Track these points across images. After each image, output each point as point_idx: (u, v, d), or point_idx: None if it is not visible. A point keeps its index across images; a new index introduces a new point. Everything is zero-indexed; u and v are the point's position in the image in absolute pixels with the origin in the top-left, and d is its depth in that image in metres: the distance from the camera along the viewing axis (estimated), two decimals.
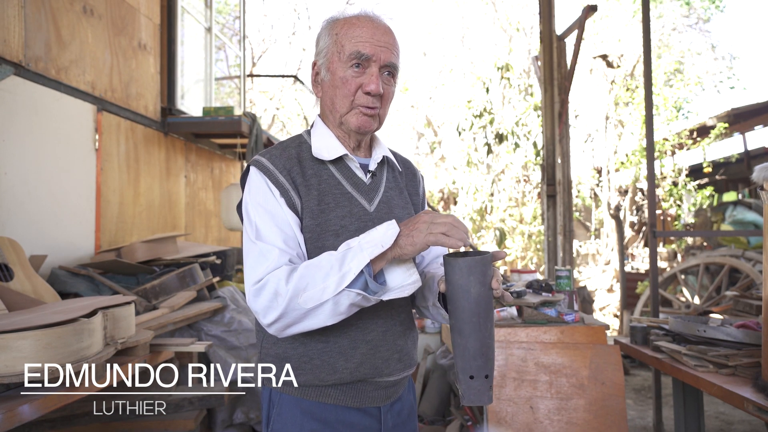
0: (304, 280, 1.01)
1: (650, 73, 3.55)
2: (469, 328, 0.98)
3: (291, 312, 1.01)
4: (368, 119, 1.17)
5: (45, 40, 2.74)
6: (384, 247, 0.99)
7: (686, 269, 5.67)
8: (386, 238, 1.00)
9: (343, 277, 0.99)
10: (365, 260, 0.99)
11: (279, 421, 1.16)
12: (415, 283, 1.04)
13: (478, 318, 0.98)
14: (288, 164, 1.15)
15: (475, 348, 0.99)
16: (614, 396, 2.06)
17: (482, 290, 0.97)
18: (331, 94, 1.17)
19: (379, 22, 1.17)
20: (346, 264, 1.00)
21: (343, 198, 1.16)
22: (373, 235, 1.02)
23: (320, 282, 1.00)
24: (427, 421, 3.05)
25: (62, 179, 2.88)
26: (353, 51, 1.12)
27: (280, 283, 1.01)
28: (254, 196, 1.13)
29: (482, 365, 1.00)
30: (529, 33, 11.36)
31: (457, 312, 0.99)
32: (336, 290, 0.99)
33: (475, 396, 1.01)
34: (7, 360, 1.33)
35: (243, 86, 6.43)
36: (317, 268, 1.01)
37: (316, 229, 1.12)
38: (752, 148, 9.94)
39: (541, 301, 2.27)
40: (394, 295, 1.03)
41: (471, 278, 0.97)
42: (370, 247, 1.00)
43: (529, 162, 10.03)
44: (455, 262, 0.98)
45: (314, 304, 1.00)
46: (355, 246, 1.02)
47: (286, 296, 1.00)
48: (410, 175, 1.35)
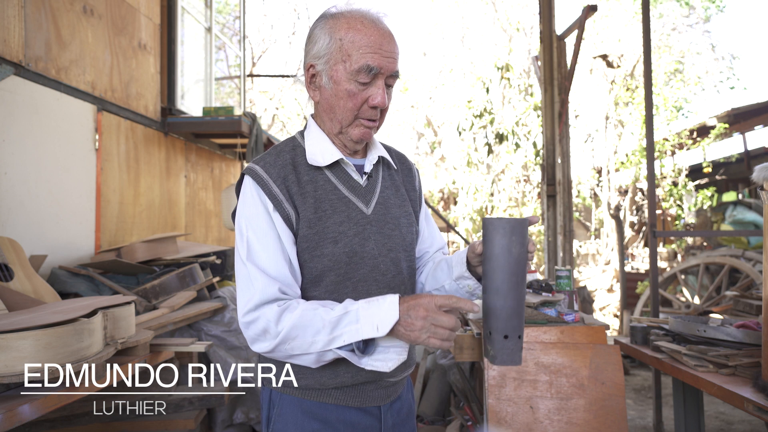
0: (295, 330, 1.02)
1: (650, 73, 3.55)
2: (508, 287, 1.01)
3: (278, 352, 1.06)
4: (369, 131, 1.16)
5: (45, 40, 2.74)
6: (379, 332, 0.99)
7: (686, 269, 5.67)
8: (384, 322, 0.98)
9: (332, 340, 1.01)
10: (358, 337, 1.00)
11: (280, 422, 1.16)
12: (400, 361, 1.03)
13: (517, 278, 1.01)
14: (283, 172, 1.13)
15: (512, 307, 1.01)
16: (614, 396, 2.06)
17: (522, 251, 1.01)
18: (333, 103, 1.13)
19: (383, 27, 1.12)
20: (338, 329, 1.01)
21: (340, 203, 1.15)
22: (373, 310, 1.00)
23: (309, 337, 1.02)
24: (427, 421, 3.05)
25: (62, 179, 2.88)
26: (363, 65, 1.08)
27: (270, 324, 1.03)
28: (248, 210, 1.11)
29: (517, 325, 1.02)
30: (529, 33, 11.37)
31: (497, 272, 1.01)
32: (323, 348, 1.02)
33: (508, 356, 1.02)
34: (7, 360, 1.33)
35: (243, 86, 6.43)
36: (310, 323, 1.02)
37: (314, 237, 1.11)
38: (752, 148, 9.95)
39: (541, 301, 2.27)
40: (376, 366, 1.02)
41: (513, 238, 1.01)
42: (366, 324, 0.99)
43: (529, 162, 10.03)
44: (500, 222, 1.01)
45: (300, 352, 1.04)
46: (352, 313, 1.01)
47: (275, 338, 1.03)
48: (406, 170, 1.34)
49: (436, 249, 1.36)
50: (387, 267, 1.18)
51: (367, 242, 1.15)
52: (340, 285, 1.13)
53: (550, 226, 5.02)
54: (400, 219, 1.23)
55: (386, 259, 1.18)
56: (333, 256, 1.12)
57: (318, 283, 1.13)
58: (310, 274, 1.13)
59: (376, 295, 1.15)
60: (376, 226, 1.18)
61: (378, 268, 1.17)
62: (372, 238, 1.16)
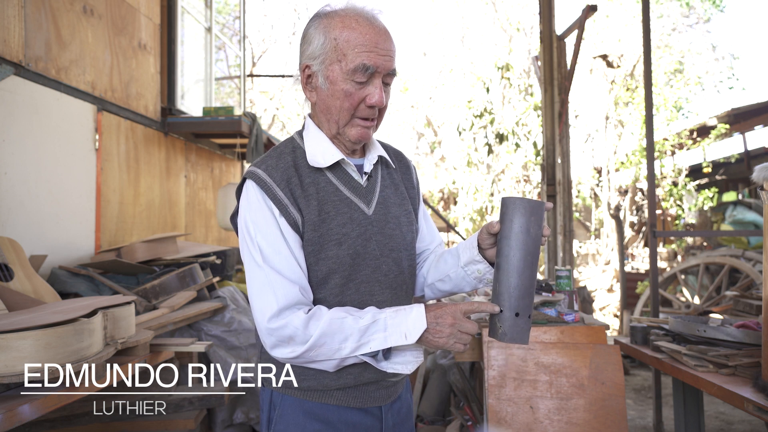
0: (323, 338, 1.04)
1: (650, 73, 3.55)
2: (523, 266, 1.03)
3: (301, 358, 1.07)
4: (367, 131, 1.15)
5: (45, 40, 2.74)
6: (407, 340, 1.04)
7: (686, 269, 5.67)
8: (412, 331, 1.04)
9: (360, 347, 1.05)
10: (386, 345, 1.05)
11: (281, 423, 1.16)
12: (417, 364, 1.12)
13: (533, 257, 1.04)
14: (286, 175, 1.12)
15: (525, 286, 1.04)
16: (614, 396, 2.06)
17: (538, 232, 1.04)
18: (330, 104, 1.12)
19: (378, 24, 1.11)
20: (366, 336, 1.05)
21: (342, 204, 1.14)
22: (400, 319, 1.05)
23: (337, 344, 1.05)
24: (427, 421, 3.04)
25: (62, 179, 2.88)
26: (358, 64, 1.07)
27: (297, 331, 1.04)
28: (254, 215, 1.10)
29: (528, 304, 1.05)
30: (529, 33, 11.36)
31: (513, 250, 1.04)
32: (348, 355, 1.05)
33: (518, 334, 1.04)
34: (7, 360, 1.33)
35: (243, 86, 6.43)
36: (339, 330, 1.04)
37: (319, 240, 1.11)
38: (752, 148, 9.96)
39: (541, 301, 2.27)
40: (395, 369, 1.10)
41: (532, 218, 1.03)
42: (393, 332, 1.05)
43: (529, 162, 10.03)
44: (521, 201, 1.04)
45: (325, 358, 1.06)
46: (380, 321, 1.05)
47: (303, 345, 1.04)
48: (404, 168, 1.33)
49: (436, 245, 1.36)
50: (389, 267, 1.18)
51: (369, 243, 1.15)
52: (344, 287, 1.13)
53: (550, 226, 5.02)
54: (401, 218, 1.23)
55: (388, 259, 1.18)
56: (337, 258, 1.11)
57: (323, 286, 1.13)
58: (316, 277, 1.12)
59: (379, 296, 1.16)
60: (378, 227, 1.17)
61: (380, 268, 1.16)
62: (374, 239, 1.16)
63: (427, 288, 1.31)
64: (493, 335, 1.06)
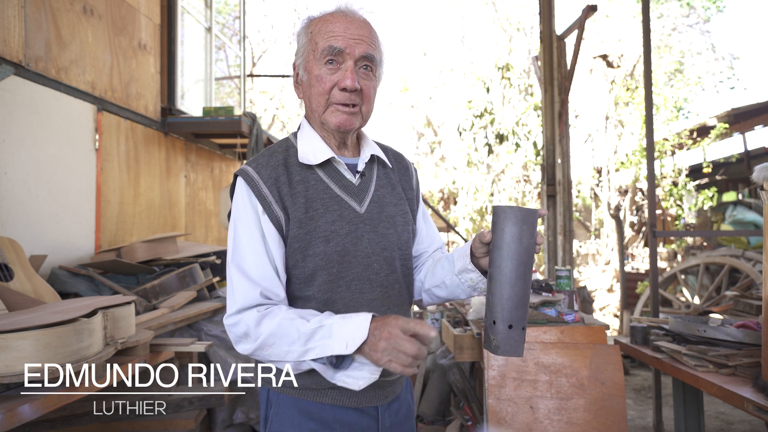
0: (271, 338, 1.04)
1: (650, 73, 3.55)
2: (516, 277, 1.00)
3: (258, 356, 1.08)
4: (348, 117, 1.15)
5: (45, 40, 2.74)
6: (347, 350, 0.97)
7: (686, 269, 5.67)
8: (354, 340, 0.97)
9: (306, 352, 1.02)
10: (328, 352, 0.99)
11: (277, 421, 1.16)
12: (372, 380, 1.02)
13: (525, 267, 1.00)
14: (275, 173, 1.14)
15: (518, 297, 1.00)
16: (614, 396, 2.06)
17: (531, 241, 1.01)
18: (309, 93, 1.17)
19: (353, 15, 1.15)
20: (312, 342, 1.01)
21: (332, 202, 1.15)
22: (346, 327, 0.99)
23: (285, 346, 1.03)
24: (427, 421, 3.05)
25: (62, 179, 2.88)
26: (326, 46, 1.11)
27: (250, 328, 1.05)
28: (238, 211, 1.13)
29: (522, 316, 1.01)
30: (529, 33, 11.37)
31: (505, 261, 1.00)
32: (297, 359, 1.03)
33: (512, 347, 1.01)
34: (7, 360, 1.33)
35: (243, 86, 6.43)
36: (286, 332, 1.03)
37: (305, 237, 1.12)
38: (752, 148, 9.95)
39: (541, 301, 2.27)
40: (347, 384, 1.01)
41: (524, 227, 1.00)
42: (337, 339, 0.98)
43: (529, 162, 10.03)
44: (512, 210, 1.00)
45: (277, 359, 1.06)
46: (326, 327, 1.00)
47: (255, 342, 1.05)
48: (402, 169, 1.34)
49: (435, 248, 1.36)
50: (380, 266, 1.18)
51: (360, 241, 1.15)
52: (334, 284, 1.13)
53: (550, 226, 5.02)
54: (396, 218, 1.23)
55: (380, 258, 1.17)
56: (325, 255, 1.12)
57: (311, 283, 1.13)
58: (303, 274, 1.13)
59: (370, 294, 1.16)
60: (370, 225, 1.18)
61: (371, 267, 1.16)
62: (365, 237, 1.16)
63: (425, 293, 1.30)
64: (487, 347, 1.04)
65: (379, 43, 1.17)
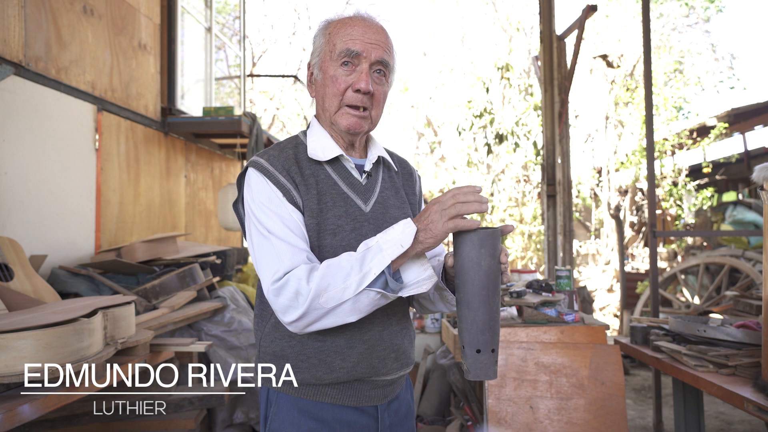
0: (325, 280, 1.00)
1: (650, 73, 3.55)
2: (478, 301, 0.99)
3: (312, 311, 1.01)
4: (358, 120, 1.16)
5: (45, 40, 2.74)
6: (404, 247, 0.99)
7: (686, 269, 5.67)
8: (405, 236, 0.99)
9: (364, 277, 0.99)
10: (386, 261, 0.99)
11: (276, 420, 1.16)
12: (431, 278, 1.04)
13: (488, 291, 0.99)
14: (286, 164, 1.15)
15: (483, 321, 0.99)
16: (614, 396, 2.06)
17: (492, 263, 0.99)
18: (322, 92, 1.18)
19: (371, 21, 1.18)
20: (366, 264, 1.00)
21: (339, 198, 1.17)
22: (391, 234, 1.01)
23: (341, 282, 1.00)
24: (427, 421, 3.04)
25: (62, 179, 2.88)
26: (343, 48, 1.13)
27: (300, 283, 1.01)
28: (257, 196, 1.12)
29: (489, 339, 1.01)
30: (529, 33, 11.37)
31: (467, 285, 0.99)
32: (356, 290, 0.99)
33: (482, 370, 1.01)
34: (7, 360, 1.33)
35: (243, 86, 6.43)
36: (338, 268, 1.01)
37: (316, 227, 1.13)
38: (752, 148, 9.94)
39: (541, 301, 2.27)
40: (411, 291, 1.03)
41: (482, 251, 0.98)
42: (389, 247, 0.99)
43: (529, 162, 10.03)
44: (467, 235, 0.99)
45: (335, 303, 1.00)
46: (374, 246, 1.01)
47: (308, 296, 1.00)
48: (407, 174, 1.36)
49: (433, 255, 1.35)
50: None
51: (364, 239, 1.16)
52: None
53: (550, 226, 5.02)
54: (398, 219, 1.24)
55: None
56: (332, 248, 1.13)
57: None
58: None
59: None
60: (374, 224, 1.19)
61: None
62: (369, 236, 1.17)
63: (415, 302, 1.30)
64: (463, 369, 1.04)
65: (394, 50, 1.20)
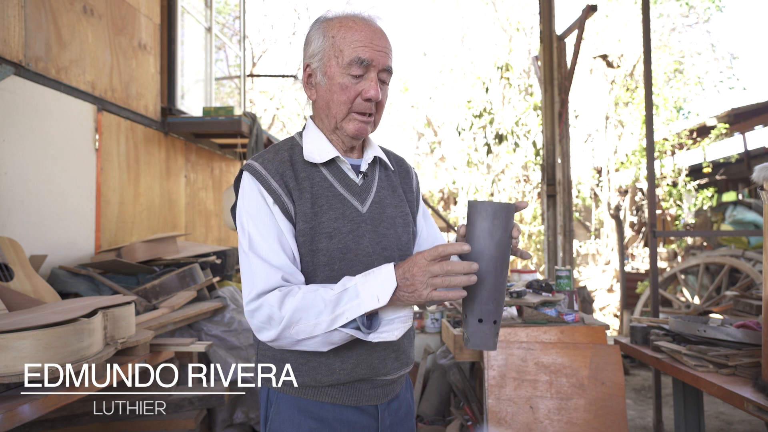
0: (297, 313, 1.02)
1: (650, 73, 3.55)
2: (485, 271, 0.99)
3: (284, 338, 1.04)
4: (365, 126, 1.17)
5: (45, 40, 2.74)
6: (380, 303, 0.98)
7: (686, 269, 5.67)
8: (384, 291, 0.98)
9: (335, 319, 1.00)
10: (360, 312, 0.99)
11: (277, 420, 1.17)
12: (406, 326, 1.04)
13: (496, 262, 0.99)
14: (281, 168, 1.15)
15: (489, 291, 1.00)
16: (614, 396, 2.06)
17: (504, 236, 1.00)
18: (328, 99, 1.16)
19: (374, 24, 1.17)
20: (340, 306, 1.00)
21: (335, 200, 1.17)
22: (371, 283, 0.99)
23: (313, 318, 1.01)
24: (427, 421, 3.04)
25: (62, 179, 2.88)
26: (354, 57, 1.11)
27: (273, 310, 1.03)
28: (247, 204, 1.13)
29: (493, 310, 1.01)
30: (529, 33, 11.36)
31: (477, 255, 0.99)
32: (327, 329, 1.01)
33: (481, 340, 1.01)
34: (7, 360, 1.33)
35: (243, 86, 6.43)
36: (312, 304, 1.01)
37: (310, 232, 1.13)
38: (752, 148, 9.94)
39: (541, 301, 2.27)
40: (383, 336, 1.02)
41: (495, 222, 0.99)
42: (366, 297, 0.99)
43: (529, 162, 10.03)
44: (482, 204, 0.99)
45: (305, 336, 1.02)
46: (351, 288, 1.00)
47: (280, 324, 1.02)
48: (403, 172, 1.36)
49: (431, 242, 1.37)
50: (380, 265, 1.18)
51: (362, 240, 1.16)
52: (335, 281, 1.13)
53: (550, 226, 5.02)
54: (396, 219, 1.24)
55: (380, 257, 1.18)
56: (327, 251, 1.13)
57: (313, 279, 1.14)
58: (306, 269, 1.14)
59: None
60: (371, 225, 1.19)
61: (371, 266, 1.16)
62: (366, 236, 1.17)
63: None
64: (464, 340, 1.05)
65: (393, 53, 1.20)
